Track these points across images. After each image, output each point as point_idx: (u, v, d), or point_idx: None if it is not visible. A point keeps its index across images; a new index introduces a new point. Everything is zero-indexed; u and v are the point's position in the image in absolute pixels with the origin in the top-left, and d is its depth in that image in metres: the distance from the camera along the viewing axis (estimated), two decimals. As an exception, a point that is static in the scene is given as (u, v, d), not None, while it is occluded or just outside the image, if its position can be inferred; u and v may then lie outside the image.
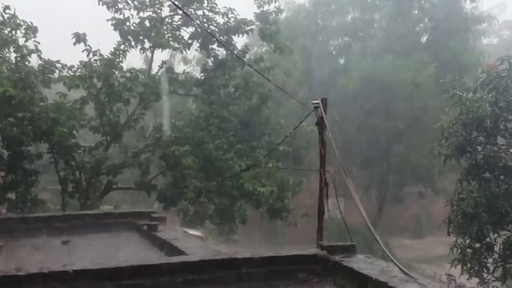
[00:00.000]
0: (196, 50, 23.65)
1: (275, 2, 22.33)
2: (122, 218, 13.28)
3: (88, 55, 19.61)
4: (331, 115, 19.07)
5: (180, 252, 8.79)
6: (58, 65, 18.75)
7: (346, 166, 8.55)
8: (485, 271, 20.05)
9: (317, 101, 8.80)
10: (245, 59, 21.96)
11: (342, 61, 43.23)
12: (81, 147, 18.72)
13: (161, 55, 25.48)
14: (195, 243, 10.27)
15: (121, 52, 19.89)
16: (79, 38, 19.63)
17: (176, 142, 19.86)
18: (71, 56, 20.68)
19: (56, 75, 18.90)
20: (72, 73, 19.24)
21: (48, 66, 18.44)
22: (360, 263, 6.96)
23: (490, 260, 20.03)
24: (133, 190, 22.37)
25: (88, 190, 18.87)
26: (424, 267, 27.62)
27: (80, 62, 19.41)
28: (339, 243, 7.87)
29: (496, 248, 19.92)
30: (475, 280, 20.29)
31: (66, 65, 19.18)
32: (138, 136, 21.46)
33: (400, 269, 6.46)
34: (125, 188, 22.98)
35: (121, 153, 21.06)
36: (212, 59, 22.65)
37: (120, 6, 20.84)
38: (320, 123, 8.81)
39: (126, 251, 10.35)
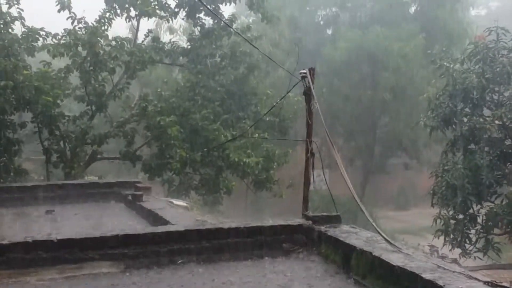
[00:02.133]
0: (183, 19, 23.36)
1: (263, -30, 22.03)
2: (107, 188, 13.23)
3: (72, 23, 19.30)
4: (318, 86, 19.01)
5: (165, 222, 8.79)
6: (42, 32, 18.40)
7: (332, 137, 8.51)
8: (468, 242, 20.28)
9: (304, 71, 8.72)
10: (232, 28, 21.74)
11: (329, 32, 42.95)
12: (66, 116, 18.50)
13: (147, 24, 25.22)
14: (180, 213, 10.26)
15: (106, 20, 19.60)
16: (64, 5, 19.31)
17: (162, 112, 19.70)
18: (55, 24, 20.36)
19: (40, 43, 18.55)
20: (56, 41, 18.94)
21: (31, 34, 18.10)
22: (345, 233, 6.99)
23: (473, 231, 20.26)
24: (118, 160, 22.25)
25: (73, 160, 18.72)
26: (407, 238, 27.84)
27: (65, 30, 19.09)
28: (324, 214, 7.90)
29: (479, 220, 20.13)
30: (457, 251, 20.53)
31: (50, 33, 18.85)
32: (123, 105, 21.29)
33: (385, 239, 6.48)
34: (110, 158, 22.85)
35: (106, 123, 20.90)
36: (199, 28, 22.40)
37: (106, -27, 20.48)
38: (308, 93, 8.73)
39: (110, 220, 10.31)
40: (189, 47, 22.39)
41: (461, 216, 20.10)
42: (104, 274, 6.44)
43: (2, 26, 17.57)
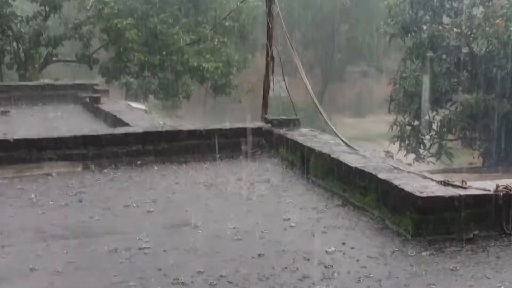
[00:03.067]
0: None
1: None
2: (63, 90, 13.01)
3: None
4: (279, -10, 18.64)
5: (124, 124, 8.71)
6: None
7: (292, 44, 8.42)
8: (422, 148, 20.83)
9: (265, -27, 8.51)
10: None
11: None
12: (18, 16, 17.89)
13: None
14: (139, 115, 10.18)
15: None
16: None
17: (119, 14, 19.17)
18: None
19: None
20: None
21: None
22: (304, 136, 7.05)
23: (427, 137, 20.76)
24: (74, 63, 21.77)
25: (27, 62, 18.26)
26: (364, 145, 28.20)
27: None
28: (284, 117, 7.94)
29: (434, 126, 20.59)
30: (411, 157, 21.07)
31: None
32: (78, 7, 20.56)
33: (343, 141, 6.56)
34: (66, 61, 22.35)
35: (61, 24, 20.23)
36: None
37: None
38: (268, -4, 8.56)
39: (68, 122, 10.19)
40: None
41: (416, 123, 20.50)
42: (63, 174, 6.42)
43: None
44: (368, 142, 30.71)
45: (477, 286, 3.74)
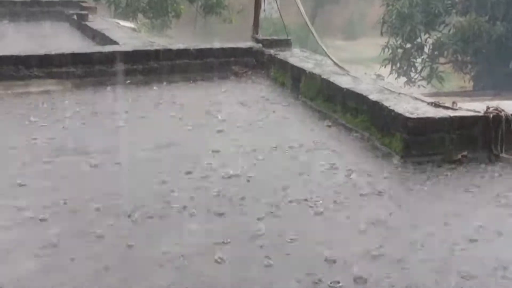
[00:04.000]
0: None
1: None
2: (50, 6, 12.68)
3: None
4: None
5: (113, 42, 8.58)
6: None
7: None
8: (413, 71, 20.81)
9: None
10: None
11: None
12: None
13: None
14: (128, 34, 10.01)
15: None
16: None
17: None
18: None
19: None
20: None
21: None
22: (295, 56, 6.99)
23: (419, 60, 20.71)
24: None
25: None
26: (355, 68, 27.99)
27: None
28: (275, 37, 7.86)
29: (426, 49, 20.51)
30: (402, 80, 21.07)
31: None
32: None
33: (334, 62, 6.51)
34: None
35: None
36: None
37: None
38: None
39: (55, 40, 10.01)
40: None
41: (408, 45, 20.39)
42: (52, 92, 6.35)
43: None
44: (359, 65, 30.59)
45: (459, 205, 3.81)
